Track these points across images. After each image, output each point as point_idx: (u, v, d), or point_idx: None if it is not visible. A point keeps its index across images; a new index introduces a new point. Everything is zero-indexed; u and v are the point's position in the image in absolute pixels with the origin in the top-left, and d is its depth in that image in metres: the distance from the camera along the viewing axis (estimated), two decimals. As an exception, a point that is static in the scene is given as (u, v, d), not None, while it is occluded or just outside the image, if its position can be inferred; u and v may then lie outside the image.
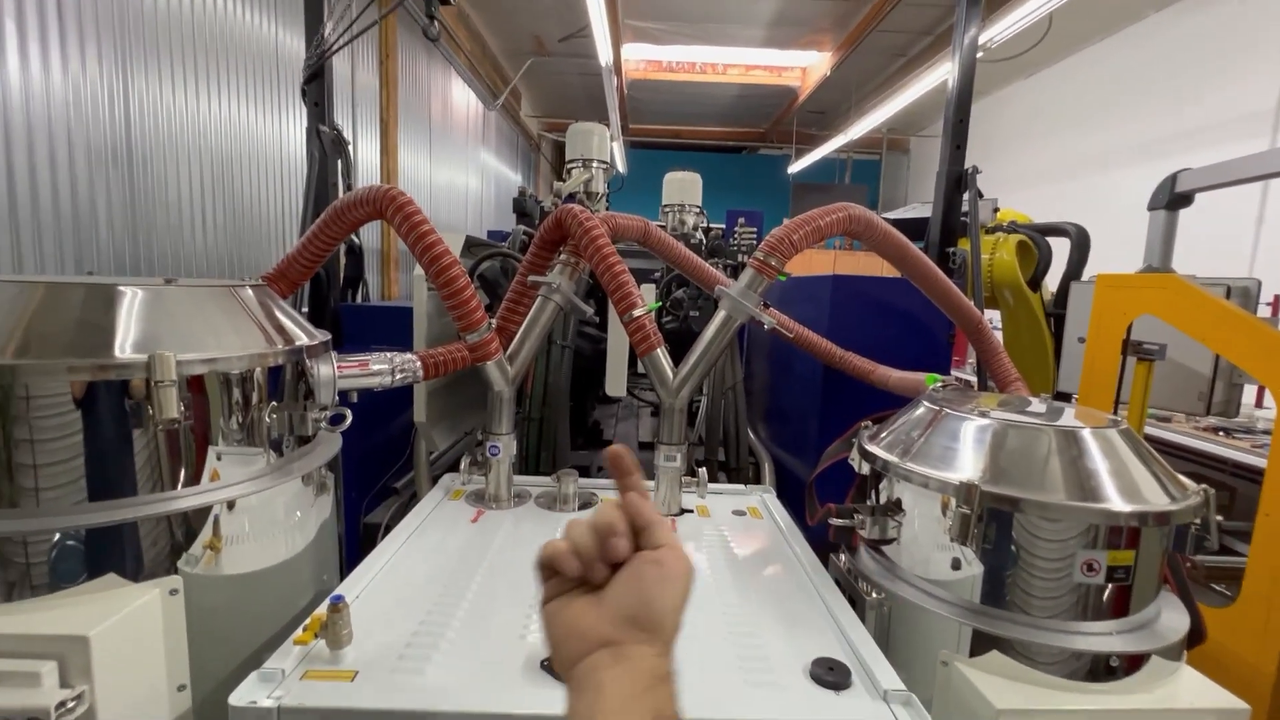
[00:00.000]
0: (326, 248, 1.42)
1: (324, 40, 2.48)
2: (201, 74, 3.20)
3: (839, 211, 1.36)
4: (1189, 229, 2.46)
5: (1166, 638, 0.96)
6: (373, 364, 1.26)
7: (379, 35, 5.12)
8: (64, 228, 2.45)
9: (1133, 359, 2.10)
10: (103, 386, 0.86)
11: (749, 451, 2.24)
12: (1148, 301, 2.02)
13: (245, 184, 3.57)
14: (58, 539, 0.85)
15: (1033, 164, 7.65)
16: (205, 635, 0.94)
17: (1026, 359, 3.03)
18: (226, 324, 1.02)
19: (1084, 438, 0.99)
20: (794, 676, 0.87)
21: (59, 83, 2.43)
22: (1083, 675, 0.93)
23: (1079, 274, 3.01)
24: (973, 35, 2.58)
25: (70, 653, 0.76)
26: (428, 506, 1.42)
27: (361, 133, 4.90)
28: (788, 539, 1.36)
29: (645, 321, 1.40)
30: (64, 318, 0.89)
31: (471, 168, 7.75)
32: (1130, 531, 0.93)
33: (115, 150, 2.72)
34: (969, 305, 1.67)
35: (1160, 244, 2.38)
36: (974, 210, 2.72)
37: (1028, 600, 0.97)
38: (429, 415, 1.81)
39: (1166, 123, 5.82)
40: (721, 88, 9.30)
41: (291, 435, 1.10)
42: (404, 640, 0.91)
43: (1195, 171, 2.29)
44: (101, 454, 0.87)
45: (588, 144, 2.91)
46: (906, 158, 11.68)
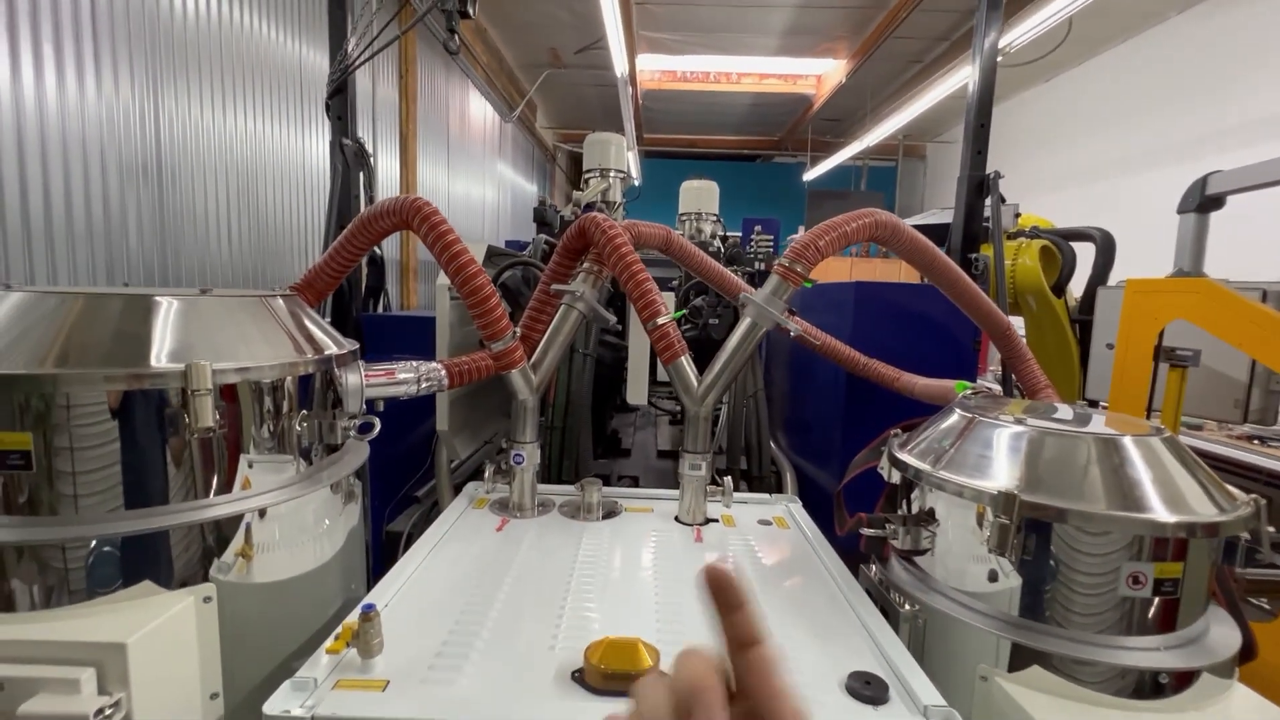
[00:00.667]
0: (353, 258, 1.44)
1: (347, 56, 2.53)
2: (228, 91, 3.28)
3: (865, 217, 1.35)
4: (1220, 232, 2.40)
5: (1218, 654, 0.92)
6: (399, 373, 1.27)
7: (399, 50, 5.21)
8: (96, 240, 2.52)
9: (1165, 365, 2.06)
10: (139, 396, 0.88)
11: (771, 461, 2.21)
12: (1180, 306, 1.98)
13: (269, 197, 3.64)
14: (94, 546, 0.86)
15: (1054, 168, 7.56)
16: (236, 643, 0.94)
17: (1051, 366, 2.97)
18: (258, 333, 1.03)
19: (1125, 445, 0.96)
20: (830, 691, 0.86)
21: (93, 101, 2.50)
22: (1129, 692, 0.90)
23: (1104, 279, 2.95)
24: (993, 39, 2.56)
25: (108, 660, 0.76)
26: (452, 515, 1.42)
27: (382, 146, 4.98)
28: (815, 549, 1.33)
29: (669, 329, 1.40)
30: (102, 328, 0.91)
31: (489, 179, 7.84)
32: (1177, 543, 0.90)
33: (145, 165, 2.79)
34: (997, 311, 1.65)
35: (1191, 247, 2.33)
36: (996, 215, 2.68)
37: (1069, 614, 0.94)
38: (451, 424, 1.82)
39: (1191, 125, 5.72)
40: (736, 97, 9.33)
41: (321, 444, 1.11)
42: (434, 650, 0.91)
43: (1227, 173, 2.24)
44: (138, 462, 0.88)
45: (605, 154, 2.93)
46: (923, 164, 11.60)
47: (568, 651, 0.91)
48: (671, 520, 1.46)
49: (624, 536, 1.36)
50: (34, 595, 0.84)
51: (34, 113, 2.24)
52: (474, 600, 1.06)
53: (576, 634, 0.96)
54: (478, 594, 1.08)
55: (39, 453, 0.83)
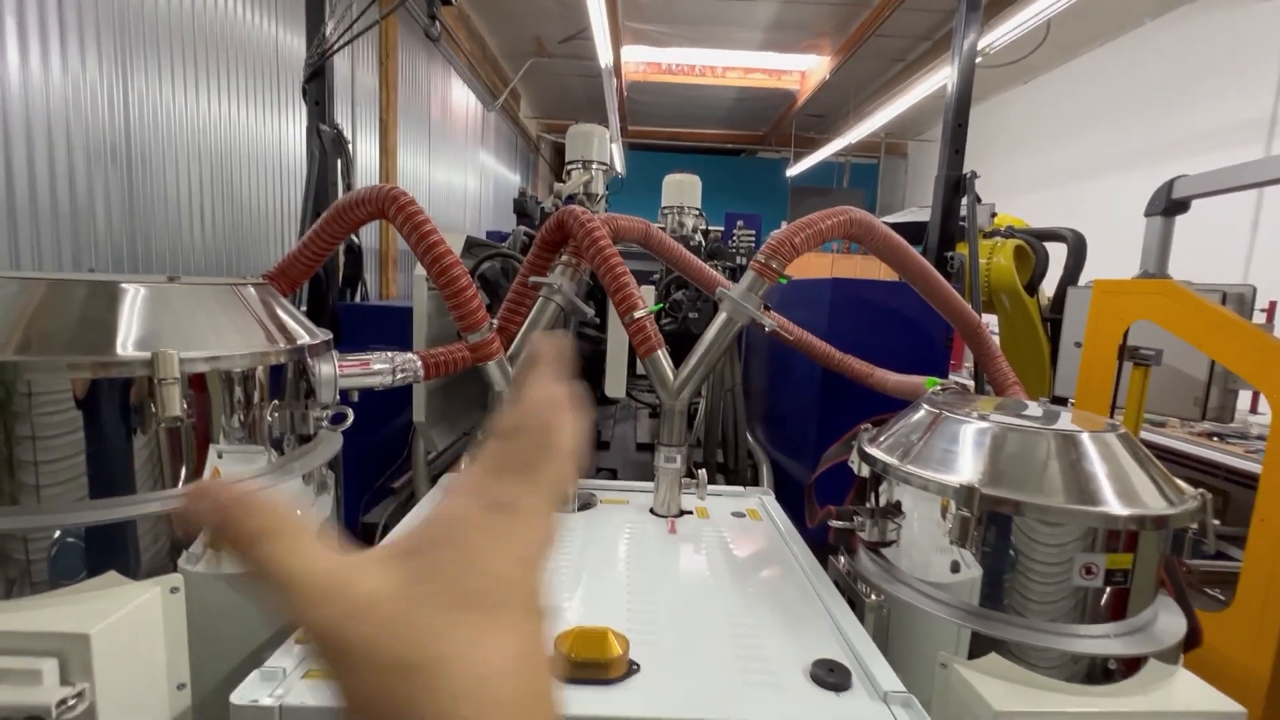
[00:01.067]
0: (328, 247, 1.42)
1: (325, 39, 2.48)
2: (202, 73, 3.20)
3: (840, 215, 1.37)
4: (1185, 235, 2.48)
5: (1163, 641, 0.96)
6: (374, 363, 1.26)
7: (379, 35, 5.12)
8: (62, 225, 2.45)
9: (1129, 364, 2.12)
10: (105, 384, 0.86)
11: (747, 454, 2.24)
12: (1144, 307, 2.03)
13: (244, 183, 3.57)
14: (58, 536, 0.85)
15: (1030, 169, 7.69)
16: (205, 634, 0.94)
17: (1023, 363, 3.04)
18: (229, 322, 1.02)
19: (1083, 441, 0.99)
20: (794, 678, 0.88)
21: (59, 80, 2.43)
22: (1081, 678, 0.94)
23: (1076, 279, 3.03)
24: (971, 41, 2.59)
25: (71, 650, 0.75)
26: (427, 506, 1.42)
27: (361, 132, 4.90)
28: (787, 541, 1.36)
29: (646, 323, 1.41)
30: (66, 315, 0.89)
31: (470, 168, 7.75)
32: (1128, 535, 0.94)
33: (114, 148, 2.71)
34: (968, 309, 1.68)
35: (1157, 250, 2.40)
36: (972, 215, 2.73)
37: (1026, 603, 0.98)
38: (428, 415, 1.81)
39: (1163, 129, 5.86)
40: (720, 90, 9.33)
41: (293, 434, 1.10)
42: (405, 640, 0.91)
43: (1191, 178, 2.30)
44: (103, 451, 0.87)
45: (588, 145, 2.93)
46: (904, 162, 11.73)
47: (539, 641, 0.92)
48: (646, 512, 1.47)
49: (599, 528, 1.37)
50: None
51: (-5, 90, 2.16)
52: (447, 591, 1.06)
53: (548, 624, 0.97)
54: (451, 584, 1.08)
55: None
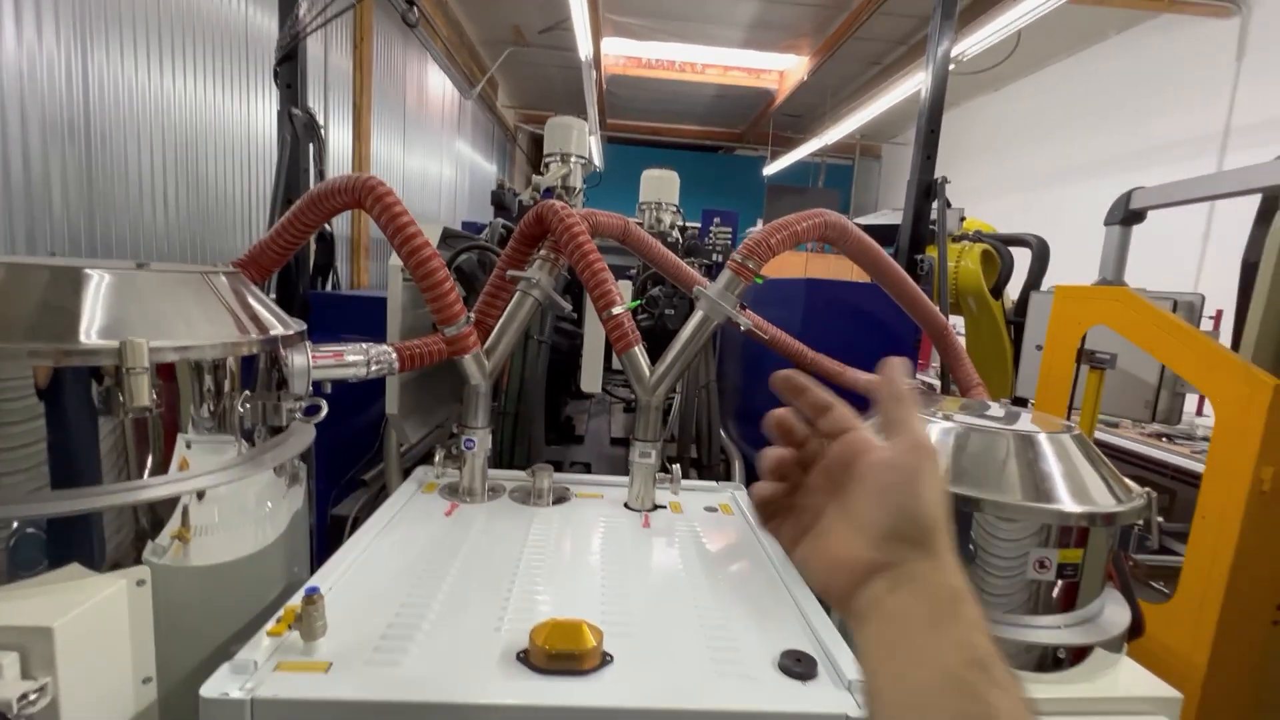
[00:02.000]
0: (301, 235, 1.40)
1: (298, 21, 2.42)
2: (166, 49, 3.09)
3: (815, 217, 1.40)
4: (1141, 244, 2.58)
5: (1109, 631, 1.02)
6: (348, 355, 1.25)
7: (354, 18, 5.00)
8: (15, 203, 2.35)
9: (1086, 367, 2.21)
10: (69, 373, 0.84)
11: (720, 449, 2.27)
12: (1101, 313, 2.12)
13: (210, 165, 3.46)
14: (17, 527, 0.83)
15: (998, 175, 7.90)
16: (172, 627, 0.92)
17: (987, 364, 3.14)
18: (199, 311, 1.00)
19: (1040, 442, 1.04)
20: (763, 668, 0.90)
21: (12, 51, 2.32)
22: (1032, 666, 0.99)
23: (1039, 284, 3.13)
24: (945, 48, 2.66)
25: (33, 644, 0.74)
26: (401, 499, 1.42)
27: (334, 117, 4.79)
28: (758, 535, 1.39)
29: (624, 319, 1.42)
30: (27, 301, 0.86)
31: (446, 156, 7.64)
32: (1080, 531, 0.99)
33: (72, 124, 2.61)
34: (935, 311, 1.73)
35: (1115, 258, 2.50)
36: (942, 219, 2.80)
37: (983, 595, 1.02)
38: (401, 407, 1.79)
39: (1123, 140, 6.07)
40: (700, 87, 9.35)
41: (264, 425, 1.08)
42: (379, 632, 0.91)
43: (1148, 190, 2.40)
44: (66, 441, 0.85)
45: (566, 138, 2.90)
46: (878, 164, 11.92)
47: (513, 633, 0.93)
48: (621, 506, 1.49)
49: (573, 522, 1.38)
50: (-50, 578, 0.80)
51: (-55, 61, 2.06)
52: (421, 583, 1.06)
53: (523, 616, 0.98)
54: (425, 577, 1.09)
55: (-44, 430, 0.79)
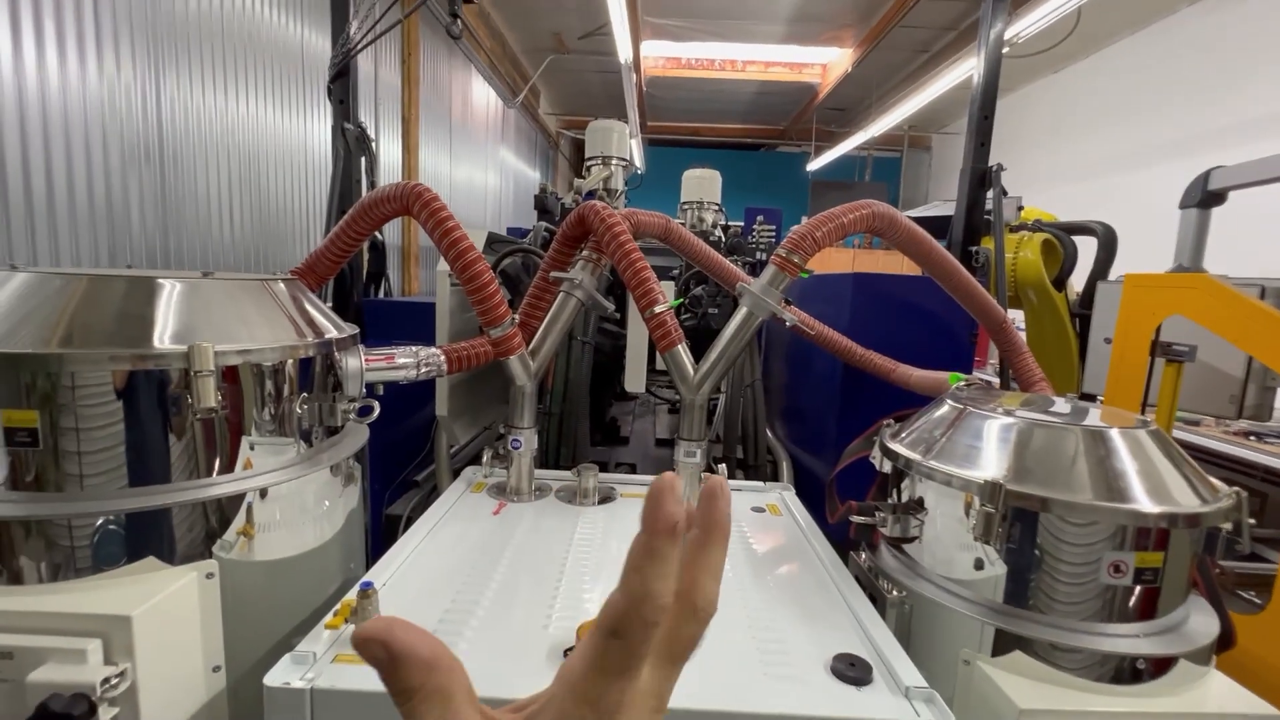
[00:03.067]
0: (354, 243, 1.45)
1: (349, 39, 2.52)
2: (230, 74, 3.27)
3: (862, 209, 1.35)
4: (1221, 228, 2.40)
5: (1195, 641, 0.94)
6: (398, 357, 1.29)
7: (402, 34, 5.17)
8: (98, 222, 2.53)
9: (1161, 360, 2.06)
10: (143, 376, 0.89)
11: (767, 449, 2.23)
12: (1177, 302, 1.98)
13: (271, 181, 3.64)
14: (100, 523, 0.88)
15: (1059, 162, 7.51)
16: (238, 619, 0.96)
17: (1051, 360, 2.98)
18: (259, 316, 1.04)
19: (1112, 437, 0.98)
20: (815, 671, 0.88)
21: (94, 82, 2.50)
22: (1108, 678, 0.92)
23: (1106, 274, 2.96)
24: (998, 30, 2.54)
25: (114, 632, 0.78)
26: (450, 498, 1.45)
27: (384, 130, 4.96)
28: (807, 536, 1.36)
29: (666, 318, 1.41)
30: (106, 309, 0.92)
31: (491, 165, 7.81)
32: (1159, 533, 0.92)
33: (148, 148, 2.79)
34: (993, 304, 1.65)
35: (1192, 243, 2.34)
36: (998, 208, 2.68)
37: (1052, 601, 0.96)
38: (450, 409, 1.84)
39: (1198, 120, 5.68)
40: (740, 85, 9.27)
41: (321, 426, 1.13)
42: (430, 627, 0.93)
43: (1229, 169, 2.23)
44: (141, 441, 0.90)
45: (607, 141, 2.92)
46: (928, 155, 11.53)
47: (561, 630, 0.94)
48: (666, 506, 1.48)
49: (619, 521, 1.38)
50: (41, 570, 0.86)
51: (36, 93, 2.24)
52: (470, 580, 1.08)
53: (570, 613, 0.99)
54: (474, 574, 1.10)
55: (45, 430, 0.85)
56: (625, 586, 0.28)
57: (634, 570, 0.28)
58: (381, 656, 0.25)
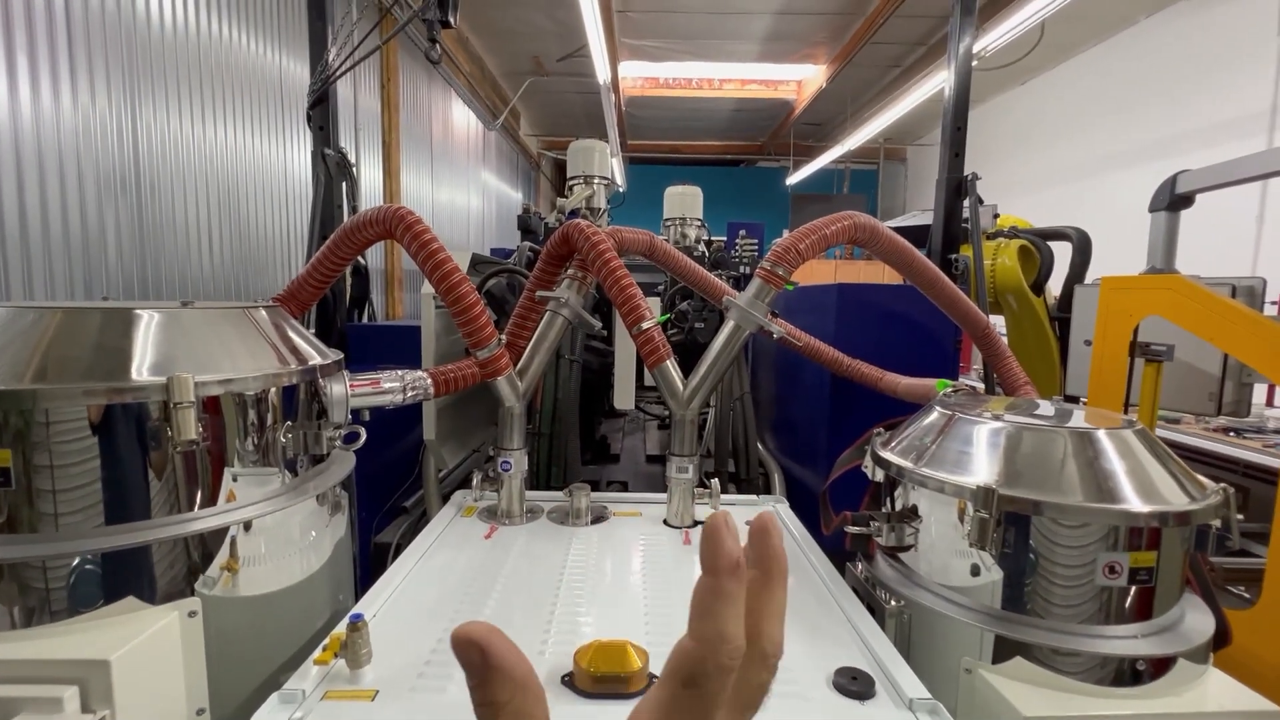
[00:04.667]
0: (336, 268, 1.44)
1: (328, 66, 2.52)
2: (208, 102, 3.26)
3: (844, 220, 1.37)
4: (1191, 230, 2.47)
5: (1192, 640, 0.95)
6: (384, 382, 1.27)
7: (381, 59, 5.20)
8: (74, 253, 2.48)
9: (1141, 360, 2.10)
10: (120, 409, 0.87)
11: (759, 463, 2.23)
12: (1153, 303, 2.02)
13: (251, 208, 3.62)
14: (76, 563, 0.85)
15: (1031, 170, 7.70)
16: (223, 657, 0.93)
17: (1032, 363, 3.02)
18: (241, 345, 1.03)
19: (1099, 439, 0.99)
20: (817, 687, 0.87)
21: (69, 112, 2.47)
22: (1109, 680, 0.92)
23: (1082, 277, 3.02)
24: (967, 45, 2.61)
25: (91, 677, 0.75)
26: (440, 524, 1.42)
27: (365, 155, 4.96)
28: (802, 549, 1.35)
29: (654, 334, 1.41)
30: (81, 342, 0.90)
31: (473, 187, 7.83)
32: (1151, 532, 0.92)
33: (124, 177, 2.76)
34: (976, 310, 1.68)
35: (1163, 245, 2.39)
36: (975, 217, 2.73)
37: (1050, 605, 0.96)
38: (438, 433, 1.81)
39: (1163, 126, 5.86)
40: (718, 102, 9.41)
41: (306, 455, 1.10)
42: (423, 658, 0.91)
43: (1195, 172, 2.30)
44: (119, 477, 0.88)
45: (589, 160, 2.94)
46: (903, 166, 11.76)
47: (557, 656, 0.92)
48: (660, 524, 1.46)
49: (613, 541, 1.37)
50: (14, 615, 0.83)
51: (8, 123, 2.21)
52: (463, 608, 1.06)
53: (566, 638, 0.97)
54: (467, 601, 1.08)
55: (18, 470, 0.83)
56: (698, 632, 0.26)
57: (705, 614, 0.26)
58: (477, 662, 0.25)
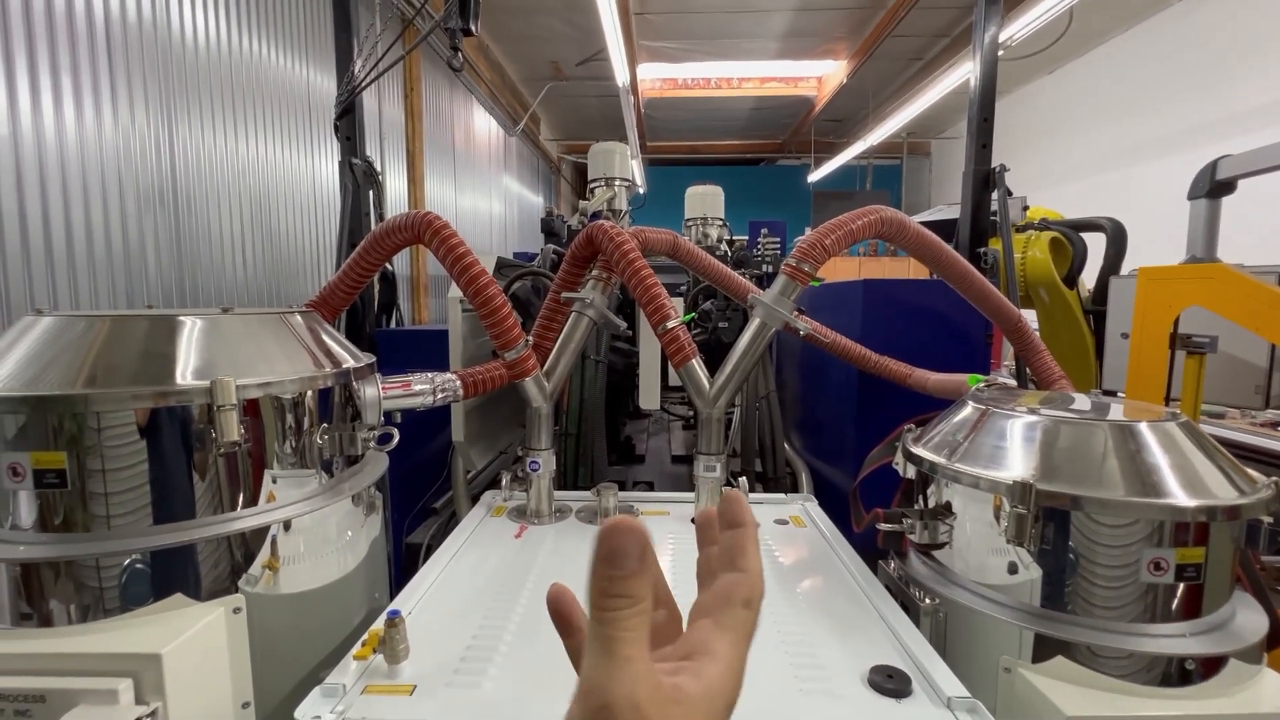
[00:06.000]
0: (366, 274, 1.47)
1: (353, 78, 2.58)
2: (240, 116, 3.36)
3: (870, 214, 1.36)
4: (1231, 218, 2.38)
5: (1245, 639, 0.91)
6: (415, 384, 1.29)
7: (404, 70, 5.29)
8: (116, 265, 2.58)
9: (1182, 353, 2.04)
10: (165, 413, 0.90)
11: (785, 462, 2.21)
12: (1194, 293, 1.96)
13: (282, 218, 3.71)
14: (128, 562, 0.88)
15: (1060, 160, 7.51)
16: (265, 653, 0.96)
17: (1067, 358, 2.95)
18: (278, 349, 1.05)
19: (1141, 431, 0.96)
20: (852, 685, 0.86)
21: (109, 131, 2.57)
22: (1156, 680, 0.89)
23: (1117, 269, 2.93)
24: (993, 34, 2.56)
25: (144, 670, 0.78)
26: (471, 524, 1.44)
27: (390, 164, 5.05)
28: (833, 546, 1.33)
29: (680, 332, 1.41)
30: (129, 349, 0.93)
31: (495, 193, 7.92)
32: (1198, 527, 0.90)
33: (162, 192, 2.85)
34: (1007, 303, 1.64)
35: (1204, 234, 2.32)
36: (1004, 209, 2.68)
37: (1092, 603, 0.94)
38: (467, 434, 1.84)
39: (1197, 112, 5.67)
40: (737, 101, 9.37)
41: (341, 456, 1.13)
42: (459, 654, 0.92)
43: (1236, 157, 2.22)
44: (166, 478, 0.91)
45: (609, 163, 2.96)
46: (928, 161, 11.57)
47: (590, 653, 0.92)
48: (687, 522, 1.46)
49: (641, 540, 1.37)
50: (71, 611, 0.86)
51: (54, 143, 2.30)
52: (496, 605, 1.07)
53: (598, 636, 0.97)
54: (499, 599, 1.09)
55: (72, 471, 0.86)
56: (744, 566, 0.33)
57: (743, 553, 0.33)
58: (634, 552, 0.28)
